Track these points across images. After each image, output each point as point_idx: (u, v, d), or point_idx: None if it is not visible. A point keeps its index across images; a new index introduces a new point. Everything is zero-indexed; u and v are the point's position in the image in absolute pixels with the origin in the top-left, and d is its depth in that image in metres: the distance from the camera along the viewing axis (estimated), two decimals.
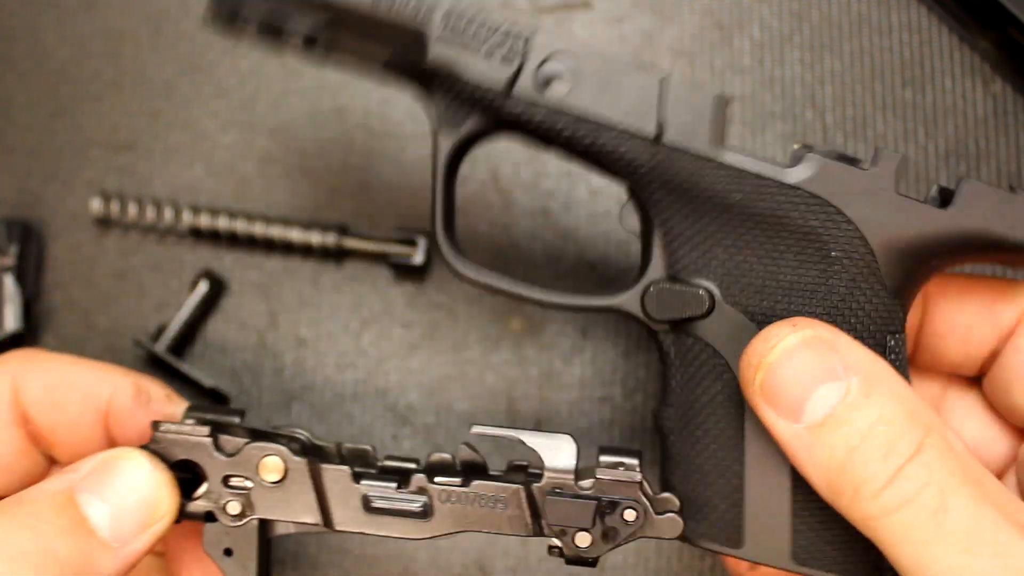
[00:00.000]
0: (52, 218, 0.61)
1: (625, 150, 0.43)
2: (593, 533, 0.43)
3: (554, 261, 0.59)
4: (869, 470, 0.38)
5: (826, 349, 0.40)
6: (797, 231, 0.43)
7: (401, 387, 0.59)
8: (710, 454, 0.44)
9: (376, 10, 0.43)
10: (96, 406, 0.47)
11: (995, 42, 0.58)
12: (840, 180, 0.42)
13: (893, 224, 0.42)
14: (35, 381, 0.47)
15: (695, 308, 0.43)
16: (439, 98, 0.44)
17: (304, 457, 0.44)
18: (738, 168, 0.42)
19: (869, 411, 0.39)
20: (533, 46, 0.43)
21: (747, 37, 0.60)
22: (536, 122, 0.43)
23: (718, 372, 0.44)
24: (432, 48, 0.43)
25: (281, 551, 0.58)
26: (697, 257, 0.44)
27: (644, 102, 0.43)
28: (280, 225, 0.59)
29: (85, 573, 0.39)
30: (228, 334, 0.60)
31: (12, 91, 0.62)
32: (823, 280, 0.43)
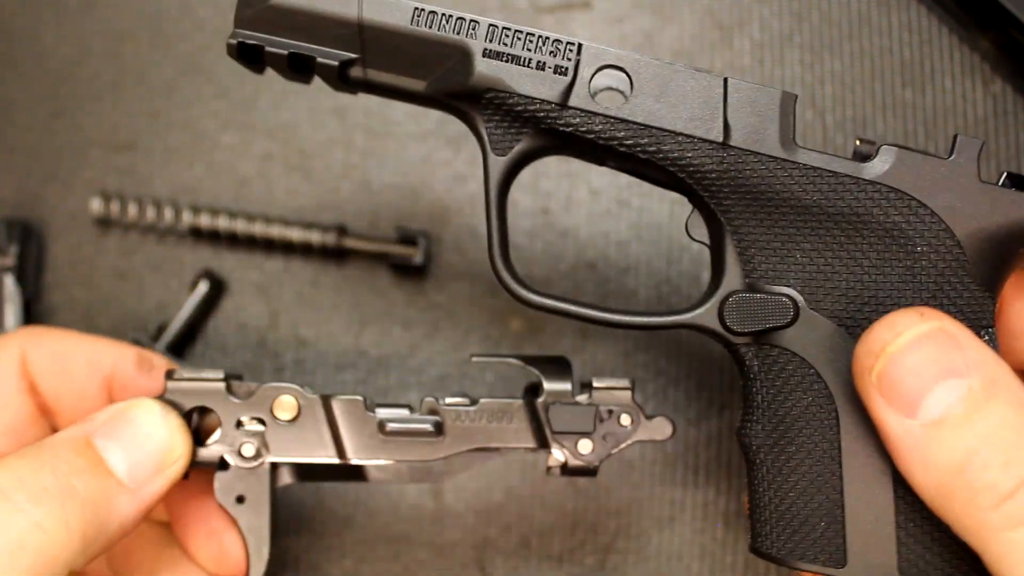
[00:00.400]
0: (52, 218, 0.61)
1: (692, 156, 0.41)
2: (594, 439, 0.46)
3: (554, 261, 0.59)
4: (988, 478, 0.36)
5: (951, 343, 0.38)
6: (879, 228, 0.41)
7: (401, 387, 0.59)
8: (806, 470, 0.42)
9: (416, 29, 0.41)
10: (101, 374, 0.49)
11: (995, 42, 0.58)
12: (920, 172, 0.41)
13: (979, 213, 0.40)
14: (42, 351, 0.48)
15: (779, 317, 0.42)
16: (487, 119, 0.42)
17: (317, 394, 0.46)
18: (812, 167, 0.41)
19: (991, 414, 0.37)
20: (585, 55, 0.41)
21: (747, 37, 0.60)
22: (595, 133, 0.41)
23: (808, 382, 0.42)
24: (478, 65, 0.41)
25: (282, 551, 0.58)
26: (776, 263, 0.42)
27: (707, 105, 0.41)
28: (280, 225, 0.59)
29: (104, 511, 0.40)
30: (228, 334, 0.60)
31: (12, 91, 0.62)
32: (910, 277, 0.41)
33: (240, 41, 0.42)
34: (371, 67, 0.42)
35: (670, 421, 0.46)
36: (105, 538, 0.40)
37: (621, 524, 0.57)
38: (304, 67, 0.42)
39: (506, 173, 0.43)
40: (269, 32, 0.42)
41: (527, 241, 0.59)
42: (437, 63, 0.41)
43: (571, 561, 0.57)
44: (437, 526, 0.58)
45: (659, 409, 0.58)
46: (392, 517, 0.58)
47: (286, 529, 0.58)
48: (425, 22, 0.41)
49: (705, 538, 0.57)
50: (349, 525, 0.58)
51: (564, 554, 0.57)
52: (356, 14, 0.41)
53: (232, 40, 0.42)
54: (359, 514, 0.58)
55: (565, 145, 0.43)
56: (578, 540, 0.58)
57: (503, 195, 0.43)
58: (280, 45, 0.42)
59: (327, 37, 0.41)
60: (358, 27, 0.41)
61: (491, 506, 0.58)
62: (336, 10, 0.41)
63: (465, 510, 0.58)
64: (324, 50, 0.42)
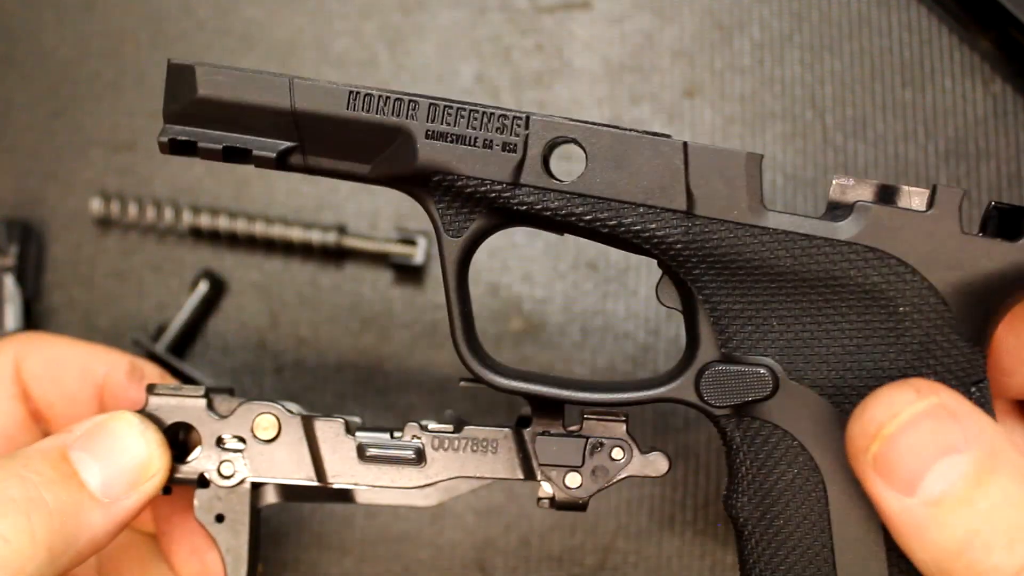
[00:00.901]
0: (52, 218, 0.61)
1: (655, 228, 0.39)
2: (582, 473, 0.44)
3: (554, 261, 0.59)
4: (992, 560, 0.35)
5: (949, 419, 0.36)
6: (858, 290, 0.39)
7: (401, 387, 0.59)
8: (795, 543, 0.41)
9: (352, 114, 0.39)
10: (92, 382, 0.48)
11: (995, 42, 0.58)
12: (898, 228, 0.39)
13: (963, 267, 0.39)
14: (36, 357, 0.48)
15: (758, 390, 0.40)
16: (437, 200, 0.40)
17: (298, 414, 0.45)
18: (783, 231, 0.39)
19: (993, 491, 0.35)
20: (533, 128, 0.39)
21: (747, 37, 0.60)
22: (551, 210, 0.39)
23: (792, 455, 0.40)
24: (421, 148, 0.39)
25: (282, 551, 0.58)
26: (751, 332, 0.40)
27: (668, 173, 0.39)
28: (280, 225, 0.59)
29: (74, 524, 0.39)
30: (228, 334, 0.60)
31: (12, 91, 0.62)
32: (894, 339, 0.39)
33: (171, 138, 0.40)
34: (311, 154, 0.40)
35: (667, 457, 0.44)
36: (74, 552, 0.39)
37: (621, 524, 0.57)
38: (242, 158, 0.40)
39: (462, 254, 0.41)
40: (200, 125, 0.40)
41: (527, 241, 0.59)
42: (379, 146, 0.40)
43: (571, 561, 0.57)
44: (437, 526, 0.58)
45: (658, 408, 0.58)
46: (392, 517, 0.58)
47: (285, 529, 0.58)
48: (361, 105, 0.39)
49: (705, 538, 0.57)
50: (349, 525, 0.58)
51: (564, 554, 0.57)
52: (288, 103, 0.39)
53: (163, 137, 0.40)
54: (359, 514, 0.58)
55: (523, 221, 0.41)
56: (578, 540, 0.58)
57: (462, 276, 0.41)
58: (213, 139, 0.40)
59: (261, 127, 0.40)
60: (292, 116, 0.39)
61: (491, 506, 0.58)
62: (267, 100, 0.39)
63: (465, 510, 0.58)
64: (260, 141, 0.40)
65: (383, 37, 0.61)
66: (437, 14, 0.61)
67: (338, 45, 0.61)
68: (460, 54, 0.61)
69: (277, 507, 0.58)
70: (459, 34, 0.61)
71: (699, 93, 0.60)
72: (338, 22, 0.61)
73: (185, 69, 0.39)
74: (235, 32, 0.61)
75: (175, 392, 0.45)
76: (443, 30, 0.61)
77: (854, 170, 0.59)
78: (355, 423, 0.46)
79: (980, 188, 0.58)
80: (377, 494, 0.47)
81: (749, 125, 0.59)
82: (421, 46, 0.61)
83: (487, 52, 0.61)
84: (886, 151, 0.59)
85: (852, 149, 0.59)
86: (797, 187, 0.59)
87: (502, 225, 0.41)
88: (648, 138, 0.39)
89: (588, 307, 0.59)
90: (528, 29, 0.61)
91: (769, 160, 0.59)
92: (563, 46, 0.61)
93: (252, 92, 0.39)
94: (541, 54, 0.61)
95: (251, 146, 0.40)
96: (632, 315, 0.59)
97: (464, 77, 0.61)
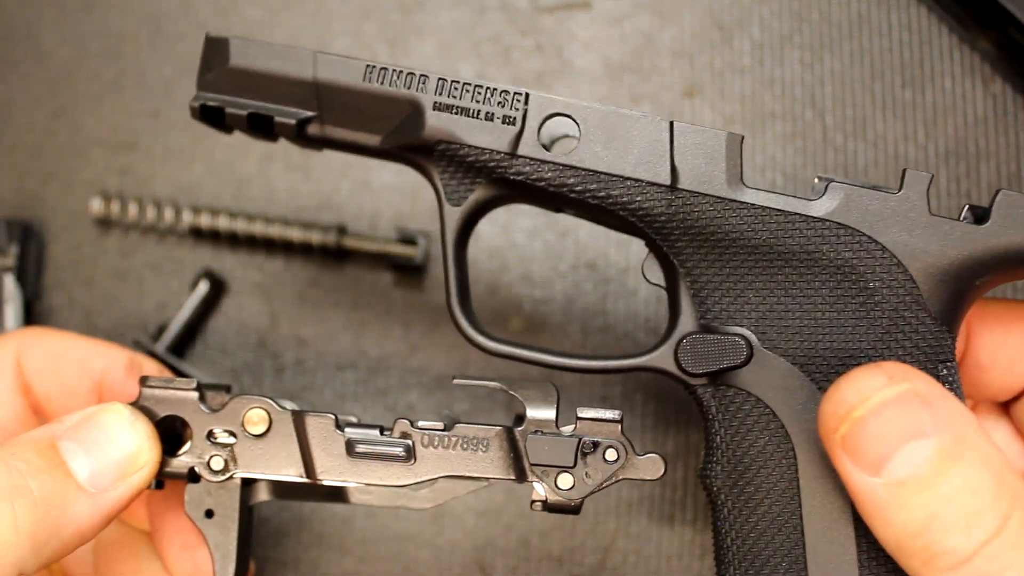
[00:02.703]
0: (52, 218, 0.61)
1: (641, 200, 0.42)
2: (575, 474, 0.43)
3: (554, 261, 0.59)
4: (949, 541, 0.36)
5: (919, 404, 0.37)
6: (830, 265, 0.41)
7: (401, 387, 0.59)
8: (765, 510, 0.42)
9: (368, 85, 0.42)
10: (91, 376, 0.48)
11: (995, 42, 0.58)
12: (869, 207, 0.41)
13: (931, 247, 0.40)
14: (37, 351, 0.48)
15: (733, 357, 0.42)
16: (441, 170, 0.43)
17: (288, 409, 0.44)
18: (761, 206, 0.41)
19: (955, 476, 0.36)
20: (533, 103, 0.42)
21: (747, 37, 0.60)
22: (545, 181, 0.42)
23: (764, 422, 0.42)
24: (429, 118, 0.42)
25: (282, 551, 0.58)
26: (729, 304, 0.42)
27: (655, 149, 0.42)
28: (280, 225, 0.59)
29: (59, 514, 0.39)
30: (228, 334, 0.60)
31: (12, 91, 0.62)
32: (864, 313, 0.41)
33: (202, 104, 0.43)
34: (328, 124, 0.43)
35: (662, 459, 0.43)
36: (59, 542, 0.39)
37: (621, 524, 0.57)
38: (265, 126, 0.44)
39: (462, 223, 0.44)
40: (230, 93, 0.43)
41: (527, 241, 0.59)
42: (390, 118, 0.43)
43: (571, 561, 0.57)
44: (437, 526, 0.58)
45: (660, 408, 0.58)
46: (392, 517, 0.58)
47: (285, 529, 0.58)
48: (376, 78, 0.42)
49: (705, 538, 0.57)
50: (350, 525, 0.58)
51: (564, 554, 0.58)
52: (311, 74, 0.43)
53: (195, 103, 0.44)
54: (360, 514, 0.58)
55: (519, 194, 0.44)
56: (578, 540, 0.58)
57: (461, 245, 0.44)
58: (240, 106, 0.43)
59: (285, 97, 0.43)
60: (314, 86, 0.43)
61: (492, 506, 0.58)
62: (292, 71, 0.43)
63: (465, 510, 0.58)
64: (282, 109, 0.43)
65: (383, 37, 0.61)
66: (437, 14, 0.61)
67: (338, 45, 0.61)
68: (460, 54, 0.61)
69: (277, 507, 0.58)
70: (459, 34, 0.61)
71: (699, 93, 0.60)
72: (338, 22, 0.61)
73: (220, 41, 0.43)
74: (235, 32, 0.61)
75: (167, 385, 0.44)
76: (443, 30, 0.61)
77: (854, 170, 0.59)
78: (347, 420, 0.45)
79: (980, 188, 0.58)
80: (370, 495, 0.47)
81: (749, 125, 0.59)
82: (421, 46, 0.61)
83: (487, 52, 0.61)
84: (886, 151, 0.59)
85: (852, 149, 0.59)
86: (797, 187, 0.59)
87: (500, 199, 0.44)
88: (637, 116, 0.42)
89: (588, 307, 0.59)
90: (528, 29, 0.61)
91: (769, 160, 0.59)
92: (563, 46, 0.61)
93: (279, 63, 0.43)
94: (541, 54, 0.61)
95: (274, 113, 0.43)
96: (632, 315, 0.59)
97: (464, 77, 0.61)
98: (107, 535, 0.50)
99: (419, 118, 0.42)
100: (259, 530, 0.58)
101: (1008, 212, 0.40)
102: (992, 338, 0.45)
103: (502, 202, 0.44)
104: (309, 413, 0.44)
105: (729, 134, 0.42)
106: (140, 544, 0.50)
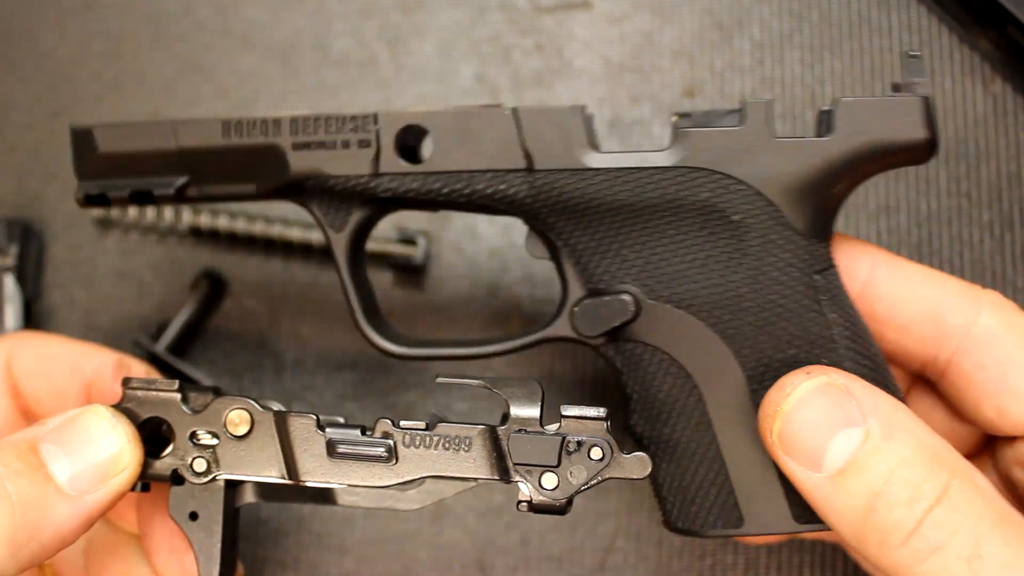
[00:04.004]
0: (52, 218, 0.61)
1: (505, 188, 0.44)
2: (559, 473, 0.42)
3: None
4: (894, 516, 0.37)
5: (842, 395, 0.39)
6: (693, 208, 0.43)
7: (401, 387, 0.59)
8: (684, 446, 0.44)
9: (228, 142, 0.45)
10: (81, 378, 0.49)
11: (995, 42, 0.58)
12: (716, 145, 0.43)
13: (783, 169, 0.42)
14: (26, 354, 0.49)
15: (623, 314, 0.44)
16: (317, 202, 0.46)
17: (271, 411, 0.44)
18: (615, 167, 0.43)
19: (889, 455, 0.38)
20: (383, 122, 0.44)
21: (747, 37, 0.60)
22: (413, 191, 0.44)
23: (666, 367, 0.44)
24: (291, 160, 0.45)
25: (282, 551, 0.58)
26: (608, 264, 0.44)
27: (506, 138, 0.44)
28: (280, 225, 0.59)
29: (38, 517, 0.39)
30: (228, 334, 0.60)
31: (12, 91, 0.62)
32: (734, 245, 0.43)
33: (85, 193, 0.47)
34: (204, 183, 0.46)
35: (649, 458, 0.42)
36: (38, 545, 0.39)
37: (621, 524, 0.57)
38: (147, 198, 0.46)
39: (350, 245, 0.46)
40: (108, 177, 0.47)
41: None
42: (257, 166, 0.45)
43: (571, 561, 0.57)
44: (437, 526, 0.58)
45: None
46: (392, 517, 0.58)
47: (285, 529, 0.58)
48: (234, 132, 0.45)
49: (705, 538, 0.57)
50: (349, 525, 0.58)
51: (564, 554, 0.58)
52: (175, 143, 0.46)
53: (79, 194, 0.47)
54: (359, 514, 0.58)
55: (395, 206, 0.46)
56: (578, 540, 0.58)
57: (355, 264, 0.47)
58: (120, 187, 0.46)
59: (158, 168, 0.46)
60: (179, 154, 0.46)
61: (491, 506, 0.58)
62: (156, 144, 0.46)
63: (465, 510, 0.58)
64: (158, 181, 0.46)
65: (383, 37, 0.61)
66: (437, 14, 0.61)
67: (338, 45, 0.61)
68: (460, 54, 0.61)
69: (277, 507, 0.58)
70: (459, 34, 0.61)
71: (699, 93, 0.60)
72: (338, 22, 0.61)
73: (85, 132, 0.47)
74: (235, 32, 0.61)
75: (149, 386, 0.44)
76: (443, 30, 0.61)
77: None
78: (331, 420, 0.44)
79: (980, 188, 0.58)
80: (357, 496, 0.46)
81: None
82: (421, 46, 0.61)
83: (487, 52, 0.61)
84: None
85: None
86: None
87: (379, 214, 0.47)
88: (482, 110, 0.44)
89: None
90: (528, 29, 0.61)
91: None
92: (563, 46, 0.61)
93: (143, 140, 0.46)
94: (541, 54, 0.61)
95: (152, 186, 0.46)
96: None
97: (464, 77, 0.61)
98: (98, 538, 0.50)
99: (283, 160, 0.45)
100: (259, 530, 0.58)
101: (849, 118, 0.42)
102: (893, 295, 0.45)
103: (382, 215, 0.47)
104: (291, 414, 0.44)
105: (571, 107, 0.43)
106: (130, 547, 0.50)
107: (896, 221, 0.58)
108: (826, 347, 0.43)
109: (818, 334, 0.43)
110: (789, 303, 0.43)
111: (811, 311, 0.43)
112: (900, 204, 0.58)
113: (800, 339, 0.43)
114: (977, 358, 0.44)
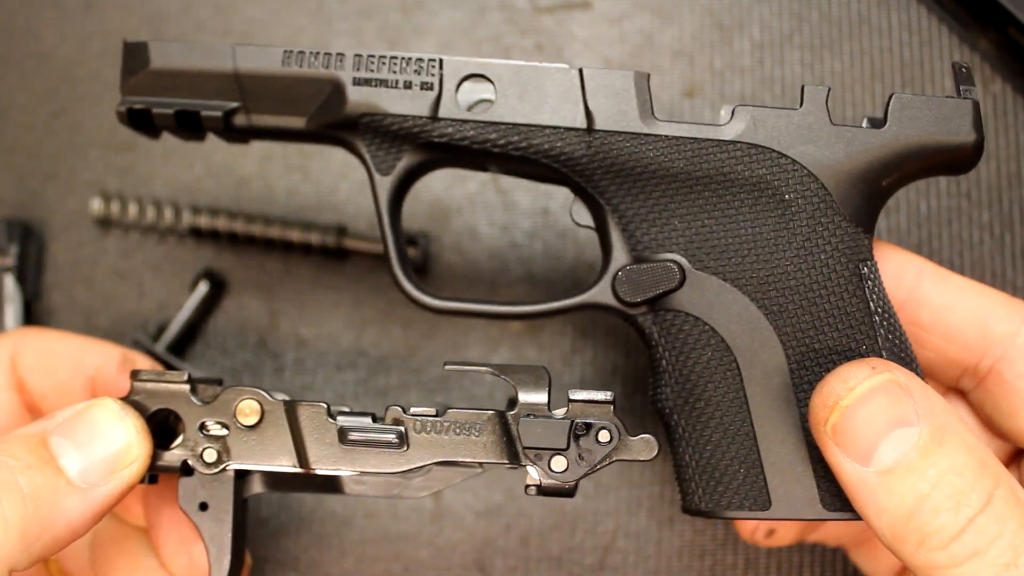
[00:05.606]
0: (52, 218, 0.61)
1: (561, 146, 0.44)
2: (568, 456, 0.43)
3: (554, 261, 0.59)
4: (939, 522, 0.37)
5: (902, 394, 0.39)
6: (747, 184, 0.44)
7: (401, 387, 0.59)
8: (717, 422, 0.44)
9: (288, 70, 0.44)
10: (85, 373, 0.49)
11: (995, 42, 0.58)
12: (775, 125, 0.43)
13: (837, 154, 0.43)
14: (31, 349, 0.49)
15: (667, 282, 0.44)
16: (367, 143, 0.45)
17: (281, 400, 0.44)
18: (674, 136, 0.44)
19: (940, 460, 0.38)
20: (447, 68, 0.44)
21: (747, 37, 0.60)
22: (468, 139, 0.44)
23: (706, 339, 0.44)
24: (350, 94, 0.44)
25: (282, 551, 0.58)
26: (656, 233, 0.44)
27: (568, 96, 0.44)
28: (280, 225, 0.59)
29: (49, 510, 0.39)
30: (228, 334, 0.60)
31: (12, 91, 0.62)
32: (784, 224, 0.44)
33: (128, 107, 0.45)
34: (253, 112, 0.45)
35: (656, 440, 0.43)
36: (50, 537, 0.39)
37: (621, 524, 0.57)
38: (192, 122, 0.45)
39: (394, 191, 0.46)
40: (154, 95, 0.45)
41: (527, 241, 0.59)
42: (313, 99, 0.44)
43: (571, 561, 0.57)
44: (437, 526, 0.58)
45: None
46: (392, 517, 0.58)
47: (285, 529, 0.58)
48: (295, 62, 0.44)
49: (705, 538, 0.57)
50: (349, 525, 0.58)
51: (564, 554, 0.58)
52: (232, 66, 0.44)
53: (121, 108, 0.45)
54: (359, 514, 0.58)
55: (445, 157, 0.45)
56: (578, 540, 0.58)
57: (394, 212, 0.46)
58: (166, 105, 0.45)
59: (208, 91, 0.45)
60: (235, 77, 0.44)
61: (491, 506, 0.58)
62: (212, 65, 0.44)
63: (465, 510, 0.58)
64: (207, 103, 0.45)
65: (383, 37, 0.61)
66: (437, 14, 0.61)
67: (338, 45, 0.61)
68: (460, 54, 0.61)
69: (277, 507, 0.58)
70: (459, 34, 0.61)
71: (699, 93, 0.60)
72: (338, 22, 0.61)
73: (140, 45, 0.45)
74: (235, 32, 0.61)
75: (158, 378, 0.44)
76: (443, 30, 0.61)
77: None
78: (339, 408, 0.45)
79: (980, 188, 0.58)
80: (364, 485, 0.47)
81: None
82: (421, 46, 0.61)
83: (487, 52, 0.61)
84: None
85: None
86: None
87: (428, 164, 0.46)
88: (548, 67, 0.44)
89: None
90: (528, 29, 0.61)
91: None
92: (563, 46, 0.61)
93: (199, 59, 0.45)
94: (541, 54, 0.61)
95: (199, 108, 0.45)
96: None
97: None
98: (104, 531, 0.50)
99: (341, 95, 0.44)
100: (259, 530, 0.58)
101: (901, 114, 0.43)
102: (941, 302, 0.46)
103: (430, 167, 0.46)
104: (301, 403, 0.44)
105: (636, 73, 0.44)
106: (136, 540, 0.50)
107: (896, 221, 0.58)
108: (868, 335, 0.43)
109: (861, 322, 0.43)
110: (836, 287, 0.43)
111: (856, 298, 0.43)
112: (900, 204, 0.58)
113: (844, 325, 0.43)
114: (1020, 367, 0.45)
